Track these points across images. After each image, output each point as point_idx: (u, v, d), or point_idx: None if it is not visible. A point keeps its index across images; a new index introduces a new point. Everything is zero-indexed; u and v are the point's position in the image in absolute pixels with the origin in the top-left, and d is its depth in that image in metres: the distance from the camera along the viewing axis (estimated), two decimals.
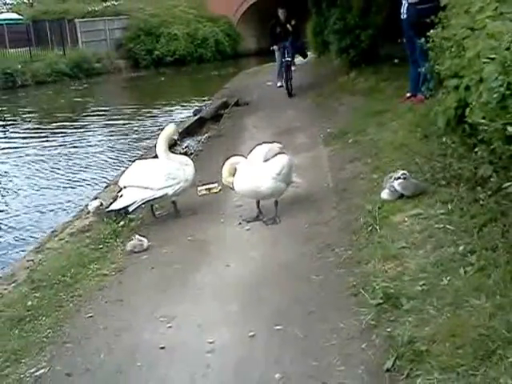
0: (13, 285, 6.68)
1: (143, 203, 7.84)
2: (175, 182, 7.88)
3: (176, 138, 8.64)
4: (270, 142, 8.02)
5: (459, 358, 3.84)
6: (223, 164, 7.62)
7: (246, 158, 7.66)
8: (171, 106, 24.66)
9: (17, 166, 15.74)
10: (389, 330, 4.48)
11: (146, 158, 9.97)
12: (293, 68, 18.83)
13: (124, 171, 8.81)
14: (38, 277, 6.63)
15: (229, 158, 7.69)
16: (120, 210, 7.92)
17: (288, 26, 18.28)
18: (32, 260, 7.36)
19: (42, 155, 16.83)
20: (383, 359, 4.19)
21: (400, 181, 6.85)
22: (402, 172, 6.97)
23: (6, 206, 12.22)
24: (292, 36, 18.34)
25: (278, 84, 19.22)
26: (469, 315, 4.27)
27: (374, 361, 4.24)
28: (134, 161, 9.63)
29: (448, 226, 5.77)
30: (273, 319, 5.09)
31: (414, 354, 4.05)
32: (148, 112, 23.33)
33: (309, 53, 21.84)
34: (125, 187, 7.91)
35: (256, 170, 7.42)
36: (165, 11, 46.79)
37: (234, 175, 7.52)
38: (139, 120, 21.77)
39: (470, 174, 6.44)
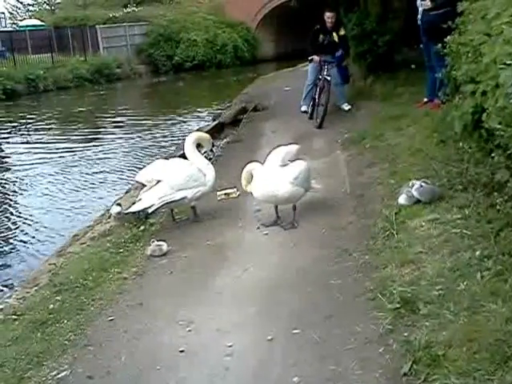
0: (35, 288, 6.74)
1: (162, 205, 7.83)
2: (195, 185, 7.89)
3: (208, 148, 8.50)
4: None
5: (476, 363, 3.84)
6: (242, 171, 7.62)
7: (263, 163, 7.66)
8: (191, 111, 24.69)
9: (39, 170, 15.80)
10: (406, 334, 4.49)
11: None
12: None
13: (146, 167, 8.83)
14: (59, 280, 6.68)
15: (245, 165, 7.68)
16: (139, 212, 7.94)
17: (334, 35, 14.05)
18: (54, 264, 7.41)
19: (63, 160, 16.90)
20: (400, 363, 4.18)
21: (417, 186, 6.84)
22: (422, 180, 6.97)
23: (29, 210, 12.29)
24: (342, 50, 14.12)
25: (302, 108, 14.68)
26: (485, 320, 4.27)
27: (391, 365, 4.24)
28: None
29: (465, 231, 5.76)
30: (291, 323, 5.10)
31: (431, 359, 4.05)
32: (167, 117, 23.38)
33: None
34: (147, 183, 7.94)
35: (273, 175, 7.42)
36: (184, 17, 46.85)
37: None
38: (159, 125, 21.83)
39: (486, 179, 6.41)
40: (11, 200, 13.28)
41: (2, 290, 8.16)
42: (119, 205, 8.54)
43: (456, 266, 5.20)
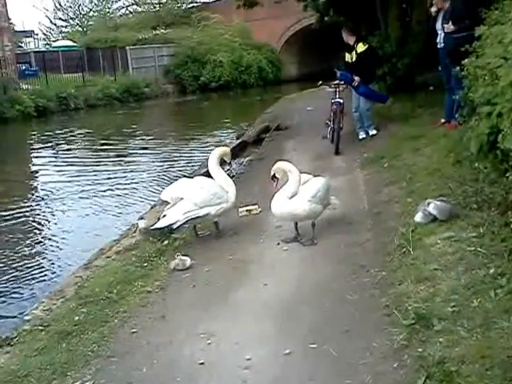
0: (61, 300, 6.77)
1: (186, 221, 7.86)
2: (218, 202, 7.91)
3: (228, 161, 8.54)
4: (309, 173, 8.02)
5: (488, 380, 3.81)
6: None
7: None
8: (215, 129, 24.78)
9: (67, 186, 15.89)
10: (420, 350, 4.44)
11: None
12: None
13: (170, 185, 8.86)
14: (85, 293, 6.71)
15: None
16: (164, 228, 7.96)
17: (353, 52, 13.09)
18: (80, 276, 7.45)
19: (92, 176, 17.04)
20: (414, 378, 4.13)
21: (433, 205, 6.81)
22: (438, 199, 6.96)
23: (57, 225, 12.36)
24: (357, 69, 12.94)
25: (323, 134, 13.76)
26: (498, 337, 4.24)
27: (406, 380, 4.19)
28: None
29: (479, 249, 5.72)
30: (308, 337, 5.08)
31: (444, 375, 4.00)
32: (193, 135, 23.50)
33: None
34: (171, 200, 7.96)
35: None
36: (211, 39, 47.28)
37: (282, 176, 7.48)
38: (184, 143, 21.93)
39: (501, 198, 6.39)
40: (40, 214, 13.35)
41: (29, 302, 8.20)
42: (143, 219, 8.57)
43: (470, 284, 5.16)
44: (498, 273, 5.15)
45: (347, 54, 13.32)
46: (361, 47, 13.02)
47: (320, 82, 13.77)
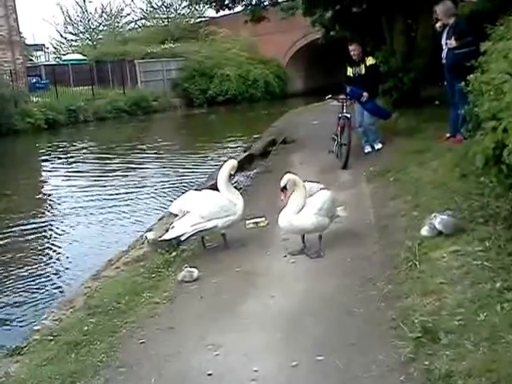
0: (70, 310, 6.75)
1: (194, 233, 7.85)
2: (226, 215, 7.91)
3: (233, 173, 8.54)
4: (313, 181, 8.03)
5: None
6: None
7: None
8: (222, 142, 24.80)
9: (76, 198, 15.97)
10: (427, 363, 4.41)
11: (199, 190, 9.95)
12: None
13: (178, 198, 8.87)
14: (94, 303, 6.69)
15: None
16: (172, 239, 7.95)
17: (362, 66, 12.96)
18: (89, 287, 7.43)
19: (102, 188, 17.10)
20: None
21: (439, 219, 6.80)
22: (444, 213, 6.94)
23: (67, 236, 12.38)
24: (365, 82, 12.85)
25: (329, 148, 13.35)
26: (505, 351, 4.21)
27: None
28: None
29: (485, 263, 5.70)
30: (315, 350, 5.05)
31: None
32: (200, 148, 23.57)
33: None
34: (180, 213, 7.96)
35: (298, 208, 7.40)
36: (218, 53, 47.54)
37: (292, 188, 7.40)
38: (191, 156, 21.97)
39: (507, 212, 6.39)
40: (50, 225, 13.37)
41: (39, 312, 8.20)
42: (151, 231, 8.56)
43: (476, 297, 5.15)
44: (504, 287, 5.14)
45: (349, 69, 13.22)
46: (370, 60, 13.05)
47: (329, 96, 13.47)
